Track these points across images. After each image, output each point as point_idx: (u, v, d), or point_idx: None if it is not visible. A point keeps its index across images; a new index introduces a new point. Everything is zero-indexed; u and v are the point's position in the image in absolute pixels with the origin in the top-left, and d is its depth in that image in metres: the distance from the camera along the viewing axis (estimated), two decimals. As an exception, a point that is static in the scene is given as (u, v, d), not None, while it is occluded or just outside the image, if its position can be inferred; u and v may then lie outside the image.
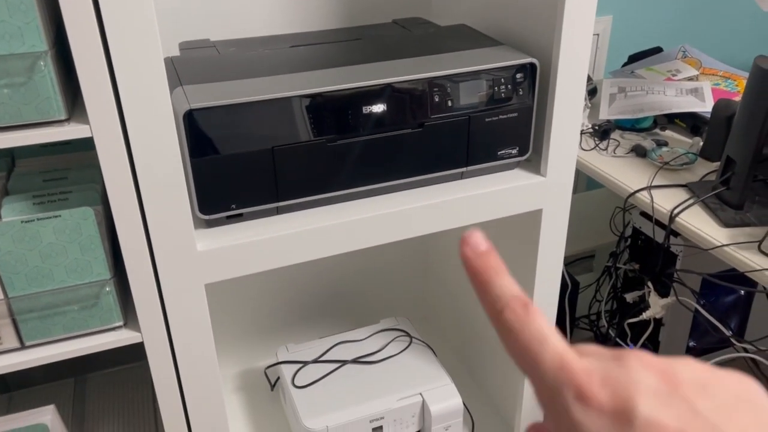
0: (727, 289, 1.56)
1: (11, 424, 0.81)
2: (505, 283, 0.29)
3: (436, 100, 0.82)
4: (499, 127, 0.87)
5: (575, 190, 2.13)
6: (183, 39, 1.02)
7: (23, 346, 0.74)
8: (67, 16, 0.59)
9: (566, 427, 0.26)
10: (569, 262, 2.06)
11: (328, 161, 0.80)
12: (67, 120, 0.65)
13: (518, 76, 0.86)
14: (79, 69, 0.61)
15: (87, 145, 0.88)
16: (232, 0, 1.02)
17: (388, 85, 0.79)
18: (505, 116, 0.87)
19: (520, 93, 0.86)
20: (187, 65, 0.83)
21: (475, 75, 0.83)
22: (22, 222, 0.68)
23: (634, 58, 1.68)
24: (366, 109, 0.79)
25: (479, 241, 0.29)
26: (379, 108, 0.80)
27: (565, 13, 0.82)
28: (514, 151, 0.90)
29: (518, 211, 0.92)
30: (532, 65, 0.86)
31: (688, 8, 1.97)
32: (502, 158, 0.90)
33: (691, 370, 0.25)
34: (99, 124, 0.64)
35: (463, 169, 0.89)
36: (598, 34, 1.95)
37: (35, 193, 0.76)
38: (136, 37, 0.63)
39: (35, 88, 0.62)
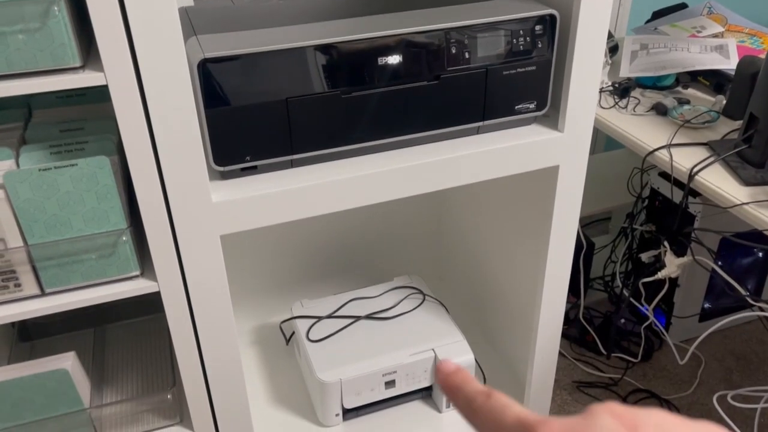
0: (744, 251, 1.55)
1: (33, 369, 0.83)
2: (472, 387, 0.33)
3: (453, 52, 0.81)
4: (517, 81, 0.86)
5: (593, 151, 2.10)
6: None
7: (43, 293, 0.76)
8: (79, -40, 0.58)
9: None
10: (585, 224, 2.05)
11: (343, 113, 0.80)
12: (82, 67, 0.65)
13: (537, 28, 0.84)
14: (93, 16, 0.61)
15: (102, 96, 0.89)
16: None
17: (404, 36, 0.78)
18: (523, 69, 0.86)
19: (539, 46, 0.85)
20: (201, 15, 0.82)
21: (493, 26, 0.82)
22: (39, 170, 0.68)
23: (657, 15, 1.64)
24: (381, 61, 0.78)
25: (448, 365, 0.35)
26: (394, 59, 0.79)
27: (587, -39, 0.79)
28: (531, 106, 0.89)
29: (534, 167, 0.91)
30: (552, 17, 0.84)
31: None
32: (520, 113, 0.89)
33: (657, 417, 0.26)
34: (113, 72, 0.64)
35: (480, 124, 0.88)
36: (621, -9, 1.89)
37: (52, 143, 0.76)
38: (149, -17, 0.62)
39: (50, 34, 0.61)
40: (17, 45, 0.61)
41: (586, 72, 0.87)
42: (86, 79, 0.64)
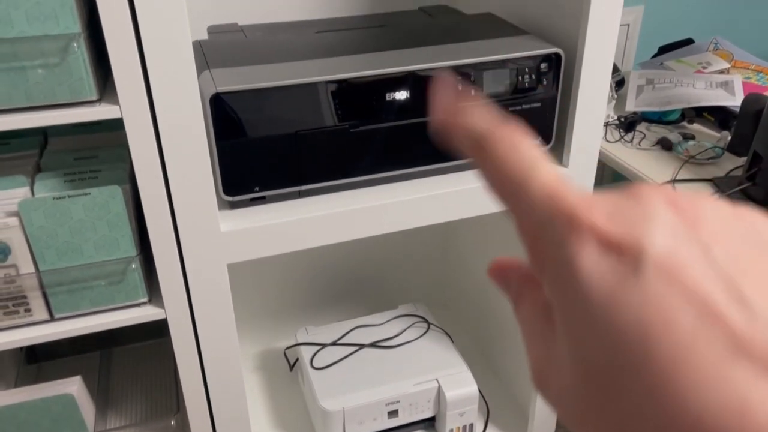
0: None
1: (39, 393, 0.84)
2: (486, 112, 0.24)
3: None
4: (522, 117, 0.88)
5: (601, 182, 2.11)
6: (212, 23, 1.03)
7: (53, 318, 0.77)
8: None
9: (556, 269, 0.21)
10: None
11: (351, 147, 0.81)
12: (99, 101, 0.67)
13: (543, 66, 0.86)
14: (110, 51, 0.63)
15: (117, 125, 0.91)
16: (260, -15, 1.03)
17: (411, 73, 0.80)
18: (528, 106, 0.87)
19: (544, 83, 0.86)
20: (214, 49, 0.84)
21: (498, 64, 0.84)
22: (53, 198, 0.70)
23: (664, 50, 1.66)
24: (389, 96, 0.80)
25: (451, 82, 0.25)
26: (401, 95, 0.81)
27: (591, 2, 0.81)
28: (536, 141, 0.90)
29: (539, 201, 0.92)
30: (557, 55, 0.85)
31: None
32: (524, 148, 0.90)
33: (715, 209, 0.20)
34: (128, 106, 0.66)
35: (485, 158, 0.89)
36: (628, 24, 1.92)
37: (66, 170, 0.78)
38: (166, 22, 0.64)
39: (68, 69, 0.64)
40: (36, 79, 0.63)
41: (590, 109, 0.88)
42: (102, 112, 0.66)
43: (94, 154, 0.84)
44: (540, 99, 0.87)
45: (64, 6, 0.61)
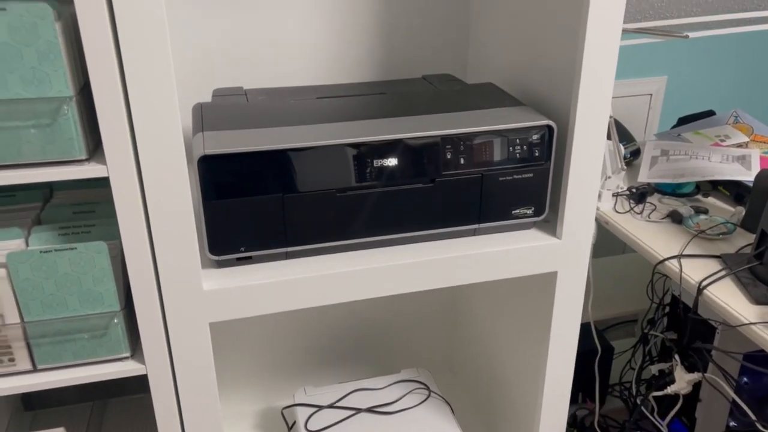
0: (773, 368, 1.47)
1: (21, 442, 0.85)
2: None
3: (449, 157, 0.83)
4: (514, 187, 0.87)
5: (622, 251, 2.07)
6: (220, 85, 1.07)
7: (35, 369, 0.78)
8: (91, 66, 0.64)
9: None
10: (612, 325, 2.00)
11: (338, 211, 0.82)
12: (87, 160, 0.70)
13: (535, 137, 0.86)
14: (99, 114, 0.66)
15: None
16: (272, 51, 1.07)
17: (400, 141, 0.81)
18: (519, 176, 0.87)
19: (536, 154, 0.86)
20: (213, 112, 0.87)
21: (488, 134, 0.84)
22: (40, 252, 0.72)
23: (683, 121, 1.64)
24: (377, 163, 0.81)
25: None
26: (390, 162, 0.82)
27: (582, 76, 0.82)
28: (529, 211, 0.90)
29: (531, 272, 0.91)
30: (549, 127, 0.86)
31: (746, 72, 1.92)
32: (517, 218, 0.90)
33: None
34: (115, 166, 0.69)
35: (476, 226, 0.89)
36: (651, 94, 1.91)
37: (62, 224, 0.81)
38: (154, 88, 0.67)
39: (59, 130, 0.67)
40: (28, 138, 0.66)
41: (583, 181, 0.88)
42: (89, 171, 0.68)
43: (92, 208, 0.86)
44: (532, 170, 0.87)
45: (58, 71, 0.65)
